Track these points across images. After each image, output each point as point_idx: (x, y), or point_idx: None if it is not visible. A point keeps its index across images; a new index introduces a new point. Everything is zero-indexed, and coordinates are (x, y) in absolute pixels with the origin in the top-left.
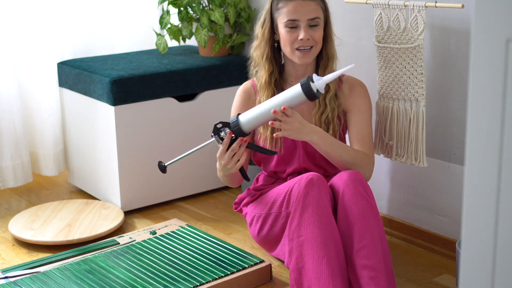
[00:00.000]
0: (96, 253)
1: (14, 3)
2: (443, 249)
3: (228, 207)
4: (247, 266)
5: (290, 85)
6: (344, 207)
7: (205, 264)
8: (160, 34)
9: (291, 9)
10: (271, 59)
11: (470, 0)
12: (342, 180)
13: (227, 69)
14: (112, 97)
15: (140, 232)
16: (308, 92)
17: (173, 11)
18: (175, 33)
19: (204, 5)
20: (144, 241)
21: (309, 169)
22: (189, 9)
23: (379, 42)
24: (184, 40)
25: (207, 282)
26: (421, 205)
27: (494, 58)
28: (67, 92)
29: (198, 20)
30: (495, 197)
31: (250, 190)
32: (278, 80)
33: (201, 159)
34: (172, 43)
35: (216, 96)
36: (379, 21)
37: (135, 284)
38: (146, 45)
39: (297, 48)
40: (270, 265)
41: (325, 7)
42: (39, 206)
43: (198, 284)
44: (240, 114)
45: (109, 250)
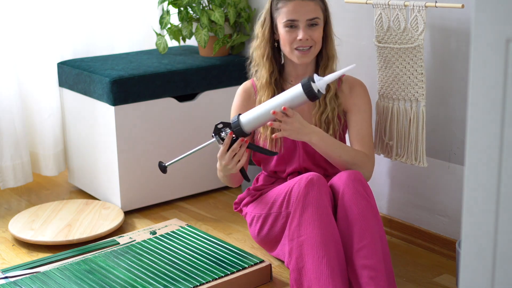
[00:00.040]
0: (96, 253)
1: (14, 3)
2: (443, 249)
3: (228, 207)
4: (247, 266)
5: (290, 84)
6: (344, 207)
7: (205, 264)
8: (160, 34)
9: (290, 9)
10: (271, 59)
11: (470, 0)
12: (342, 180)
13: (227, 69)
14: (112, 97)
15: (140, 232)
16: (309, 92)
17: (173, 11)
18: (175, 33)
19: (204, 5)
20: (144, 241)
21: (309, 168)
22: (189, 9)
23: (379, 42)
24: (184, 40)
25: (207, 282)
26: (421, 205)
27: (494, 58)
28: (67, 92)
29: (198, 20)
30: (495, 197)
31: (250, 190)
32: (278, 79)
33: (201, 159)
34: (172, 43)
35: (216, 96)
36: (379, 21)
37: (135, 284)
38: (146, 45)
39: (296, 48)
40: (270, 265)
41: (325, 7)
42: (39, 206)
43: (198, 284)
44: (241, 114)
45: (109, 250)
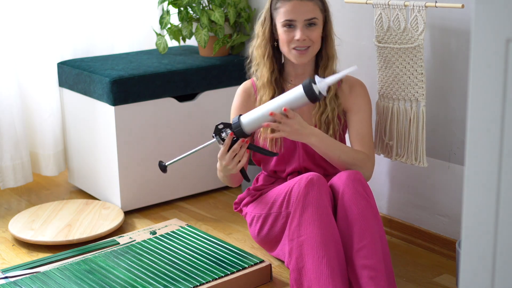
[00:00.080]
0: (96, 253)
1: (14, 3)
2: (443, 249)
3: (228, 207)
4: (247, 266)
5: (290, 84)
6: (344, 207)
7: (205, 264)
8: (160, 34)
9: (288, 9)
10: (272, 58)
11: (470, 0)
12: (341, 180)
13: (227, 69)
14: (112, 97)
15: (140, 232)
16: (310, 94)
17: (173, 11)
18: (175, 33)
19: (204, 5)
20: (144, 241)
21: (308, 168)
22: (189, 9)
23: (379, 42)
24: (184, 40)
25: (207, 282)
26: (421, 205)
27: (494, 58)
28: (67, 92)
29: (198, 20)
30: (495, 197)
31: (250, 190)
32: (278, 79)
33: (201, 159)
34: (172, 43)
35: (216, 96)
36: (379, 21)
37: (135, 284)
38: (146, 45)
39: (294, 48)
40: (270, 265)
41: (324, 7)
42: (39, 206)
43: (198, 284)
44: (241, 115)
45: (109, 250)
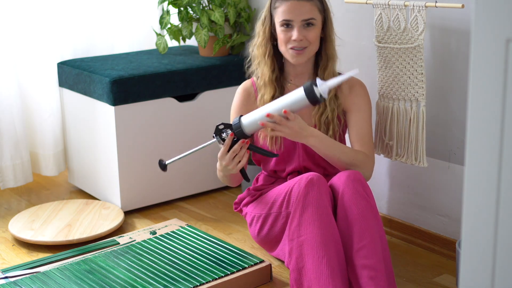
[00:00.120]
0: (96, 253)
1: (14, 3)
2: (443, 249)
3: (228, 207)
4: (247, 266)
5: (290, 83)
6: (343, 207)
7: (205, 264)
8: (160, 34)
9: (285, 9)
10: (272, 57)
11: (470, 0)
12: (341, 180)
13: (227, 69)
14: (112, 97)
15: (140, 232)
16: (311, 97)
17: (173, 11)
18: (175, 33)
19: (204, 5)
20: (144, 241)
21: (308, 168)
22: (189, 9)
23: (379, 42)
24: (184, 40)
25: (207, 282)
26: (421, 205)
27: (494, 58)
28: (67, 92)
29: (198, 20)
30: (495, 197)
31: (250, 190)
32: (279, 77)
33: (201, 159)
34: (172, 43)
35: (216, 96)
36: (379, 21)
37: (135, 284)
38: (146, 45)
39: (291, 48)
40: (270, 265)
41: (323, 7)
42: (39, 206)
43: (198, 284)
44: (242, 116)
45: (109, 250)
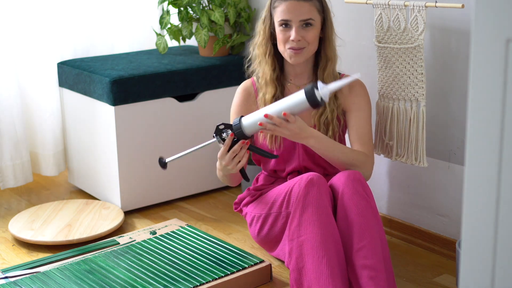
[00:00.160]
0: (96, 253)
1: (14, 3)
2: (443, 249)
3: (228, 207)
4: (247, 266)
5: (290, 83)
6: (343, 207)
7: (205, 264)
8: (160, 34)
9: (284, 9)
10: (273, 56)
11: (470, 0)
12: (341, 180)
13: (227, 69)
14: (112, 97)
15: (140, 232)
16: (312, 100)
17: (173, 11)
18: (175, 33)
19: (204, 5)
20: (144, 241)
21: (308, 167)
22: (189, 9)
23: (379, 42)
24: (184, 40)
25: (207, 282)
26: (421, 205)
27: (494, 58)
28: (67, 92)
29: (198, 20)
30: (495, 197)
31: (250, 190)
32: (279, 77)
33: (201, 159)
34: (172, 43)
35: (216, 96)
36: (379, 21)
37: (135, 284)
38: (146, 45)
39: (289, 48)
40: (270, 265)
41: (323, 8)
42: (39, 206)
43: (198, 284)
44: (243, 116)
45: (109, 250)
